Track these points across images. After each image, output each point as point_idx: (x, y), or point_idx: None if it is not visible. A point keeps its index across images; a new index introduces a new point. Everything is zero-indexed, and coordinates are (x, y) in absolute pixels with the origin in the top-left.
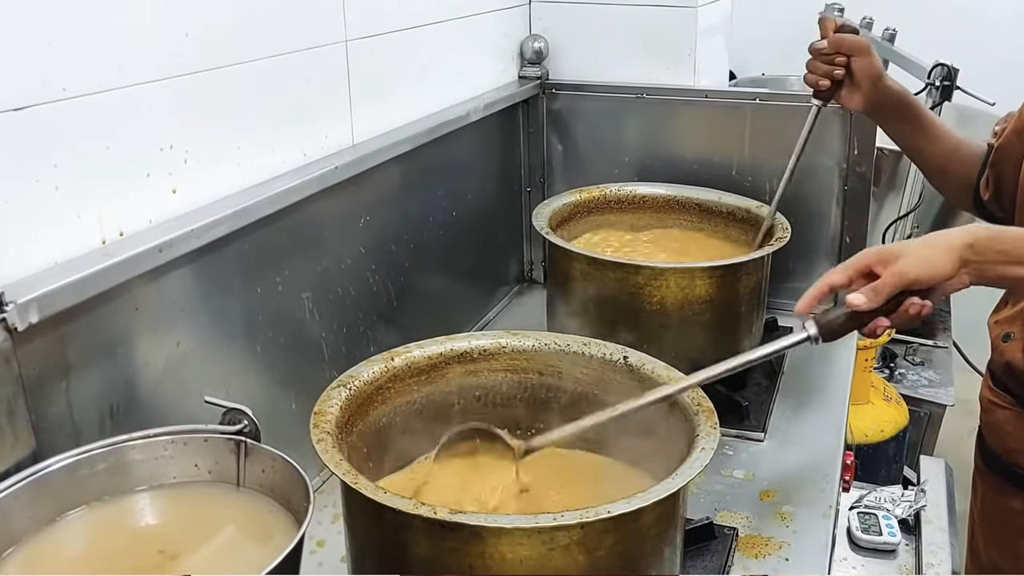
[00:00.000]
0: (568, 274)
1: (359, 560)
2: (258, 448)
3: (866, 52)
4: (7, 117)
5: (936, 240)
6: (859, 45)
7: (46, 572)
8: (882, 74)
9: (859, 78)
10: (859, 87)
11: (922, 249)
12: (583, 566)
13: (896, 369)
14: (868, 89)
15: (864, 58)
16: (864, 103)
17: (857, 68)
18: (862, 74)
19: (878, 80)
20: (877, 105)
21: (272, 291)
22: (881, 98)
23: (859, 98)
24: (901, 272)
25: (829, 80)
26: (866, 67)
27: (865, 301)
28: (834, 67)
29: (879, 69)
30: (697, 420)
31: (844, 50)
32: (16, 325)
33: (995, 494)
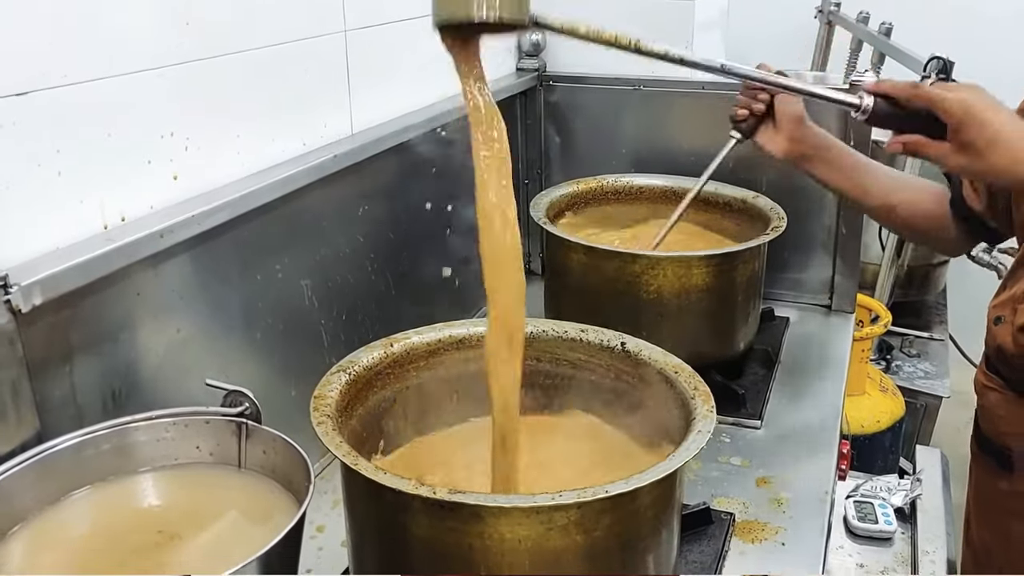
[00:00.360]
0: (566, 264)
1: (359, 542)
2: (259, 430)
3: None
4: (10, 102)
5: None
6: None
7: (50, 549)
8: (803, 117)
9: (779, 118)
10: (781, 129)
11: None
12: (581, 546)
13: (892, 361)
14: (789, 130)
15: (786, 98)
16: (786, 146)
17: (779, 108)
18: (782, 114)
19: (799, 122)
20: (800, 147)
21: (272, 278)
22: (803, 140)
23: (781, 140)
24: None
25: (748, 112)
26: (787, 106)
27: (883, 88)
28: (756, 101)
29: (800, 111)
30: (694, 404)
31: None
32: (20, 307)
33: (987, 477)
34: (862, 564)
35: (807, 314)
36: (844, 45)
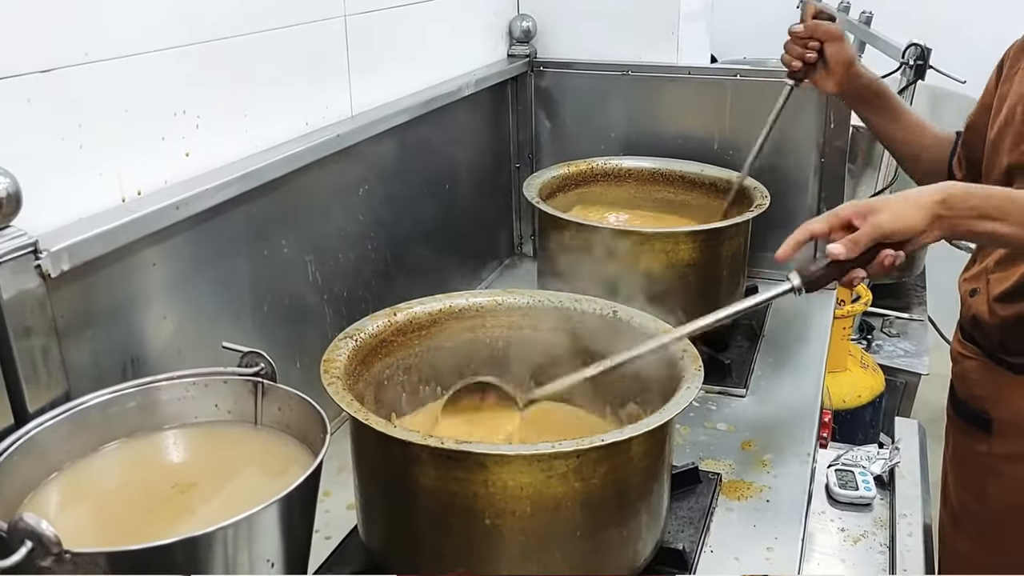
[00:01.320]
0: (558, 241)
1: (368, 497)
2: (275, 388)
3: (839, 39)
4: (36, 78)
5: (911, 196)
6: (833, 32)
7: (82, 497)
8: (854, 61)
9: (832, 63)
10: (832, 72)
11: (898, 204)
12: (579, 493)
13: (873, 340)
14: (840, 74)
15: (837, 44)
16: (836, 87)
17: (830, 54)
18: (835, 60)
19: (850, 66)
20: (848, 90)
21: (278, 254)
22: (852, 84)
23: (832, 82)
24: (878, 224)
25: (801, 62)
26: (838, 53)
27: (844, 251)
28: (807, 50)
29: (851, 56)
30: (683, 365)
31: (818, 35)
32: (49, 272)
33: (963, 439)
34: (843, 528)
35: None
36: None
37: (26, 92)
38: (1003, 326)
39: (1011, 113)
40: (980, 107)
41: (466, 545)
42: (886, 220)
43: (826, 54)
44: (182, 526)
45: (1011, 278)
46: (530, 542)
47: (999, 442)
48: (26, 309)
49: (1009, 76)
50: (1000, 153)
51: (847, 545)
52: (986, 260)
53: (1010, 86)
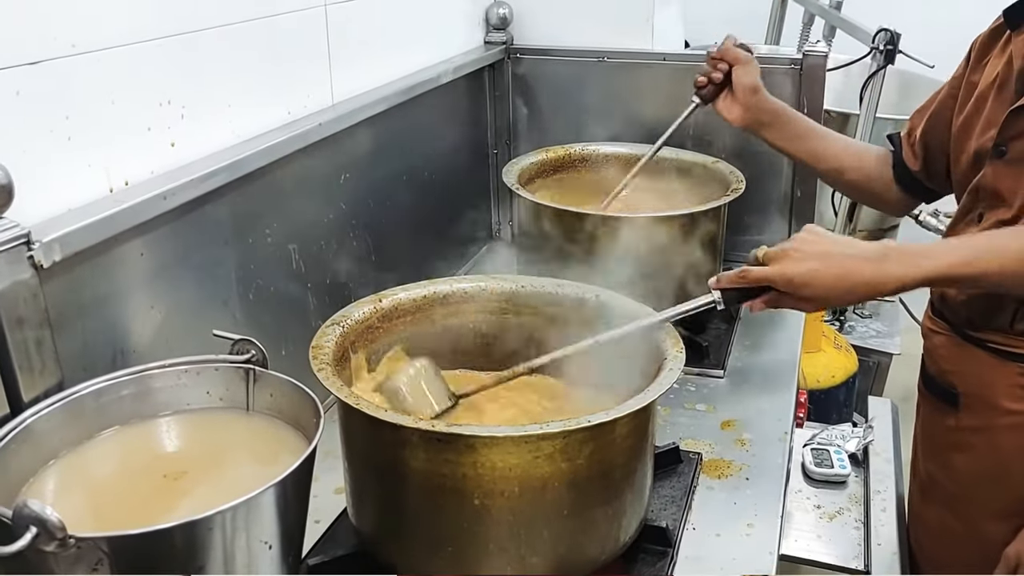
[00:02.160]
0: (538, 227)
1: (358, 481)
2: (266, 374)
3: (746, 63)
4: (24, 71)
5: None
6: (739, 56)
7: (78, 484)
8: (759, 87)
9: (736, 87)
10: (736, 97)
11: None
12: (565, 473)
13: (846, 321)
14: (744, 99)
15: (744, 67)
16: (741, 112)
17: (736, 77)
18: (739, 84)
19: (754, 91)
20: (754, 115)
21: (262, 242)
22: (758, 109)
23: (737, 109)
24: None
25: (707, 79)
26: (744, 76)
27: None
28: (715, 71)
29: (756, 81)
30: (664, 347)
31: (728, 58)
32: (42, 262)
33: (933, 414)
34: (819, 506)
35: None
36: (797, 19)
37: (15, 84)
38: (969, 302)
39: (981, 99)
40: (946, 95)
41: (456, 525)
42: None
43: (733, 77)
44: (179, 511)
45: None
46: (518, 521)
47: (966, 415)
48: (19, 299)
49: (978, 65)
50: (969, 138)
51: (823, 522)
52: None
53: (980, 75)
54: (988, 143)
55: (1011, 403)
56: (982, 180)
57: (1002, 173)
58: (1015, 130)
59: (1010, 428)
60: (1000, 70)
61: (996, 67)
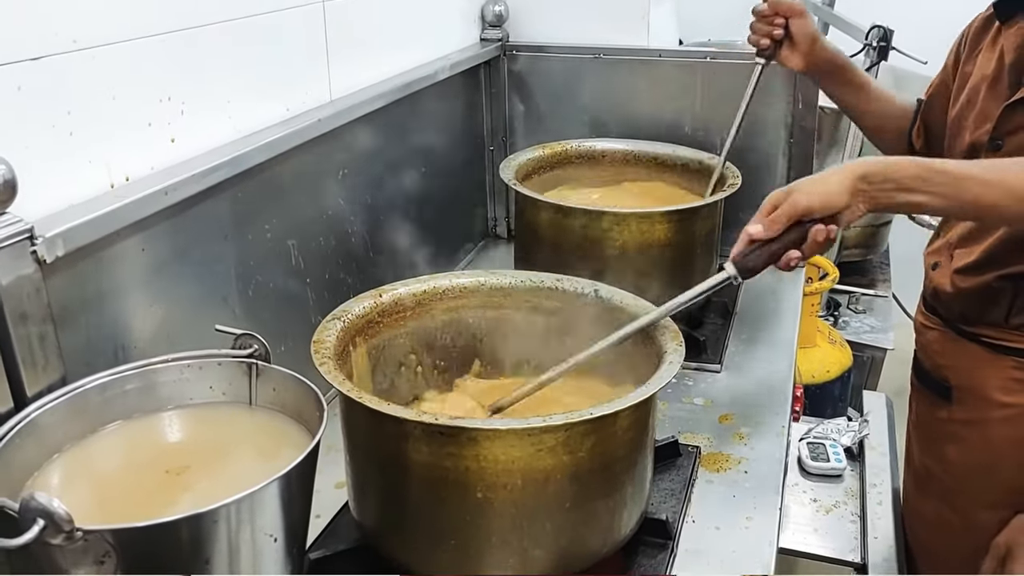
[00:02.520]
0: (535, 222)
1: (360, 475)
2: (269, 369)
3: (802, 14)
4: (26, 66)
5: (832, 172)
6: (795, 8)
7: (82, 478)
8: (818, 36)
9: (797, 39)
10: (797, 48)
11: (815, 182)
12: (568, 466)
13: (840, 317)
14: (806, 49)
15: (800, 20)
16: (803, 62)
17: (795, 29)
18: (799, 35)
19: (814, 41)
20: (814, 65)
21: (261, 238)
22: (818, 59)
23: (798, 58)
24: (794, 203)
25: (769, 39)
26: (802, 28)
27: (762, 230)
28: (773, 27)
29: (815, 31)
30: (663, 340)
31: (782, 11)
32: (45, 257)
33: (926, 407)
34: (816, 499)
35: None
36: None
37: (17, 80)
38: (962, 297)
39: (974, 92)
40: (939, 84)
41: (458, 519)
42: (802, 197)
43: (791, 30)
44: (182, 505)
45: (974, 253)
46: (520, 514)
47: (959, 409)
48: (23, 295)
49: (970, 56)
50: (963, 131)
51: (820, 515)
52: (949, 234)
53: (973, 66)
54: (984, 136)
55: (1004, 396)
56: None
57: None
58: (1011, 124)
59: (1003, 421)
60: (993, 64)
61: (988, 60)
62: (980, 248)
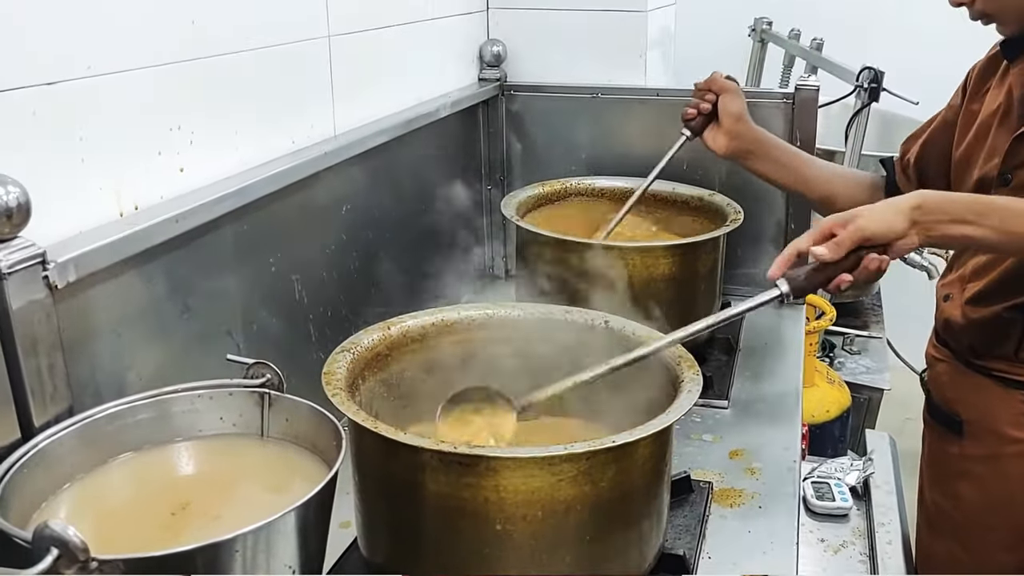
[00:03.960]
0: (538, 258)
1: (371, 510)
2: (282, 398)
3: (732, 92)
4: (42, 91)
5: (890, 202)
6: (727, 86)
7: (90, 509)
8: (743, 114)
9: (722, 115)
10: (722, 126)
11: (878, 209)
12: (588, 497)
13: (836, 358)
14: (729, 127)
15: (729, 95)
16: (726, 141)
17: (722, 105)
18: (724, 111)
19: (739, 118)
20: (741, 143)
21: (266, 272)
22: (742, 137)
23: (722, 138)
24: (859, 228)
25: (696, 112)
26: (728, 105)
27: (828, 253)
28: (702, 101)
29: (741, 109)
30: (680, 369)
31: (714, 88)
32: (56, 283)
33: (938, 443)
34: (823, 539)
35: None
36: (778, 60)
37: (32, 104)
38: (972, 329)
39: (983, 128)
40: (941, 122)
41: (476, 552)
42: (867, 223)
43: (719, 105)
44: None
45: (984, 283)
46: (540, 547)
47: (970, 444)
48: (34, 320)
49: (977, 95)
50: (971, 168)
51: (828, 555)
52: (962, 268)
53: (980, 104)
54: (993, 171)
55: (1016, 431)
56: None
57: None
58: (1020, 158)
59: (1016, 456)
60: (1001, 100)
61: (996, 97)
62: (989, 277)
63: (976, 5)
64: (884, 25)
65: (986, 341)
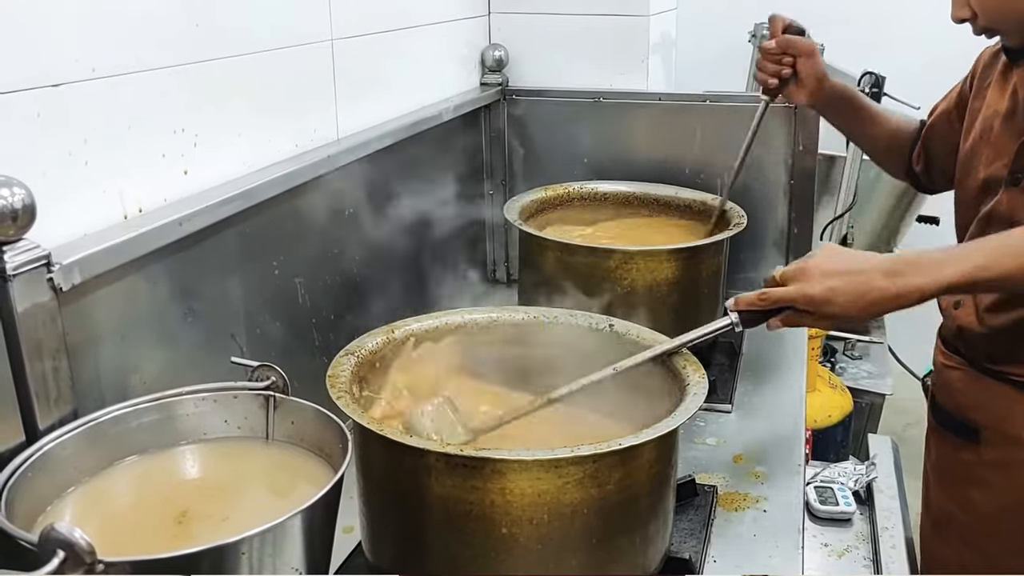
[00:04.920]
0: (541, 262)
1: (376, 514)
2: (287, 401)
3: (812, 54)
4: (45, 92)
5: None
6: (806, 47)
7: (93, 513)
8: (826, 74)
9: (805, 78)
10: (805, 86)
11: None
12: (595, 499)
13: (837, 364)
14: (813, 87)
15: (810, 59)
16: (809, 99)
17: (803, 69)
18: (807, 74)
19: (823, 80)
20: (821, 102)
21: (269, 275)
22: (825, 96)
23: (804, 95)
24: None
25: (777, 79)
26: (811, 67)
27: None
28: (781, 67)
29: (823, 70)
30: (686, 373)
31: (791, 51)
32: (61, 285)
33: (947, 449)
34: (826, 544)
35: None
36: None
37: (36, 106)
38: (991, 335)
39: (986, 127)
40: (943, 114)
41: (482, 556)
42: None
43: (799, 69)
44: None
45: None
46: (546, 550)
47: (988, 450)
48: (38, 323)
49: (980, 91)
50: (976, 167)
51: (832, 559)
52: None
53: (982, 101)
54: (1001, 171)
55: None
56: (996, 207)
57: (1018, 201)
58: None
59: None
60: (1006, 101)
61: (999, 96)
62: None
63: (979, 21)
64: (885, 30)
65: (1005, 347)
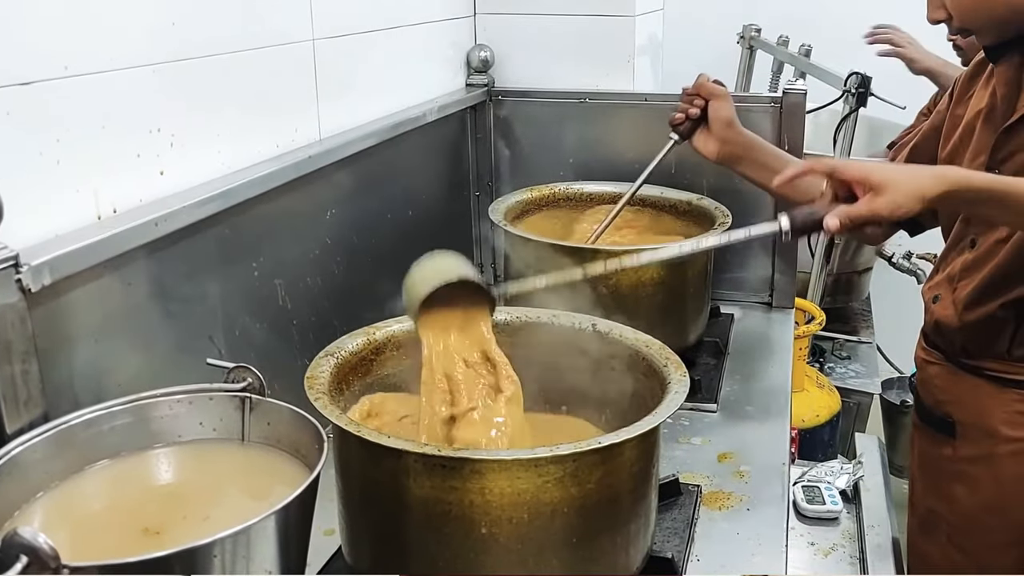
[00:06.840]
0: (526, 263)
1: (355, 516)
2: (263, 402)
3: (721, 97)
4: (16, 91)
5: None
6: (716, 91)
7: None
8: (733, 119)
9: (712, 121)
10: (712, 131)
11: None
12: (575, 499)
13: (825, 363)
14: (719, 132)
15: (719, 102)
16: (716, 146)
17: (712, 110)
18: (715, 117)
19: (729, 125)
20: (731, 148)
21: (248, 276)
22: (732, 142)
23: (713, 143)
24: (876, 210)
25: (685, 116)
26: (719, 110)
27: (839, 227)
28: (691, 107)
29: (730, 115)
30: (667, 371)
31: (703, 93)
32: (30, 286)
33: (929, 445)
34: (813, 543)
35: (750, 311)
36: (767, 67)
37: (6, 105)
38: (966, 329)
39: (968, 129)
40: (929, 129)
41: (462, 556)
42: (885, 206)
43: (709, 111)
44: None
45: (975, 282)
46: (527, 550)
47: (963, 445)
48: (6, 324)
49: (962, 99)
50: (958, 165)
51: (819, 558)
52: (950, 268)
53: (964, 108)
54: (979, 168)
55: (1010, 430)
56: None
57: None
58: (1006, 151)
59: (1010, 456)
60: (986, 101)
61: (982, 98)
62: (980, 276)
63: (954, 22)
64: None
65: (979, 341)
